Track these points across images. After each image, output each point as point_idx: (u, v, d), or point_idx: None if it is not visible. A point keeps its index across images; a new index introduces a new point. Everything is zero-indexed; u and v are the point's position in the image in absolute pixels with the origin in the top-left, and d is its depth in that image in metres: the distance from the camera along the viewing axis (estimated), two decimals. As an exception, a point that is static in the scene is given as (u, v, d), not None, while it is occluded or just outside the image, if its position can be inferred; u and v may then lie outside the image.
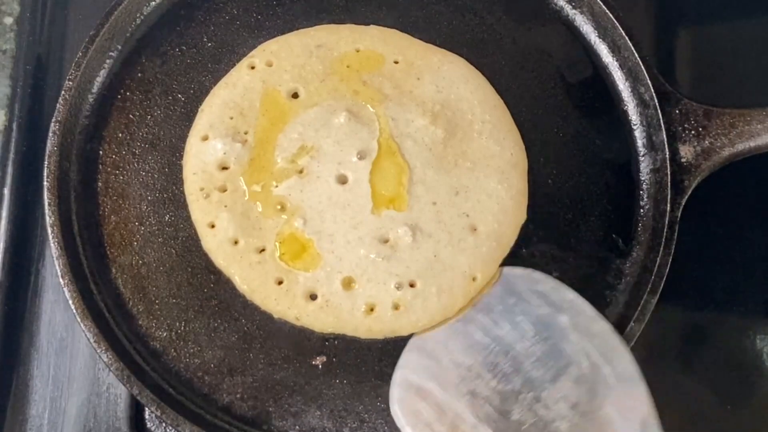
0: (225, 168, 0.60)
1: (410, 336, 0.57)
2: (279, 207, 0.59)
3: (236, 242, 0.59)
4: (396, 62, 0.63)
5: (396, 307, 0.58)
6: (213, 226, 0.59)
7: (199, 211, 0.60)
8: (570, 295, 0.56)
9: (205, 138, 0.61)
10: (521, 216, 0.60)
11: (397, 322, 0.58)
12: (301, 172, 0.60)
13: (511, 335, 0.55)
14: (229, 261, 0.59)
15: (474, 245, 0.59)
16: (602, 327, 0.55)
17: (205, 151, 0.61)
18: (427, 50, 0.64)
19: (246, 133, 0.61)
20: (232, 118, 0.61)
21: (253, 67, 0.63)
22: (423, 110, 0.61)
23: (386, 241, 0.59)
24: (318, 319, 0.58)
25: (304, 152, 0.60)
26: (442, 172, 0.60)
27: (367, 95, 0.62)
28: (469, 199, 0.60)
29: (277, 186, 0.60)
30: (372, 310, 0.58)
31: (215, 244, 0.59)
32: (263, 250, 0.59)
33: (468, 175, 0.60)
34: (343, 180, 0.60)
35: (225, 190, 0.60)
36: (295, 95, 0.62)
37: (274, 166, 0.60)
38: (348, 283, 0.58)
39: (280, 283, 0.58)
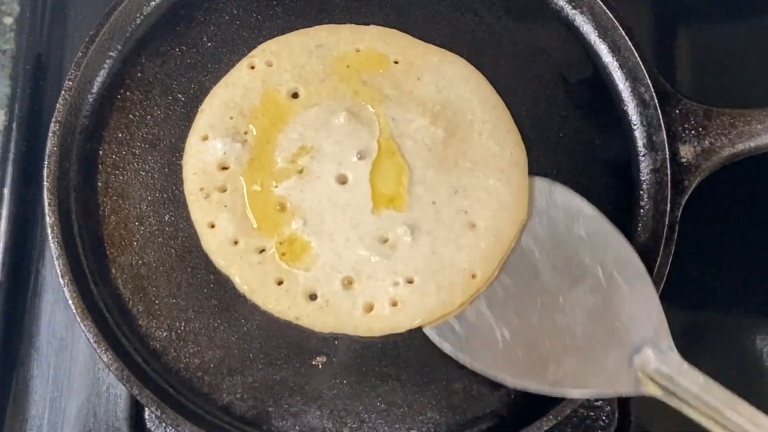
0: (225, 168, 0.60)
1: (410, 332, 0.58)
2: (279, 207, 0.59)
3: (236, 242, 0.59)
4: (396, 62, 0.63)
5: (394, 303, 0.58)
6: (213, 227, 0.59)
7: (199, 211, 0.60)
8: (586, 208, 0.58)
9: (205, 138, 0.61)
10: (522, 214, 0.60)
11: (395, 318, 0.58)
12: (301, 172, 0.60)
13: (528, 241, 0.58)
14: (229, 261, 0.59)
15: (473, 241, 0.59)
16: (617, 239, 0.57)
17: (205, 151, 0.61)
18: (427, 50, 0.64)
19: (246, 133, 0.61)
20: (232, 118, 0.61)
21: (253, 67, 0.63)
22: (423, 110, 0.61)
23: (385, 240, 0.59)
24: (318, 319, 0.58)
25: (304, 152, 0.60)
26: (442, 172, 0.60)
27: (367, 95, 0.62)
28: (468, 197, 0.60)
29: (277, 186, 0.60)
30: (371, 308, 0.58)
31: (215, 245, 0.59)
32: (263, 250, 0.59)
33: (468, 175, 0.60)
34: (343, 180, 0.60)
35: (225, 190, 0.60)
36: (295, 95, 0.62)
37: (274, 166, 0.60)
38: (348, 283, 0.58)
39: (281, 283, 0.58)
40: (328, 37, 0.64)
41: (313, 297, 0.58)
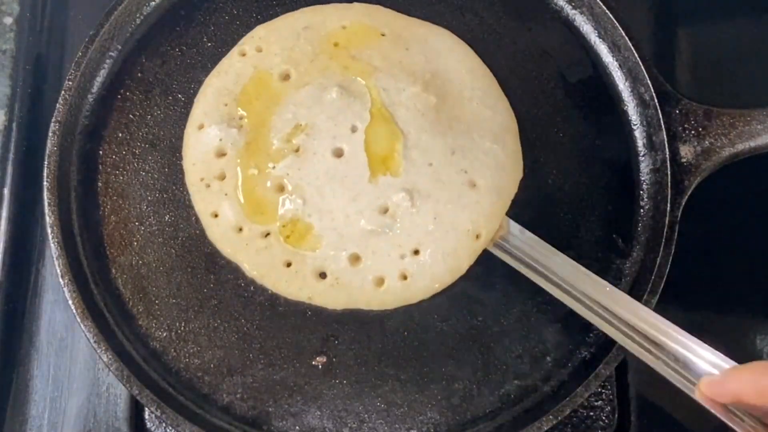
0: (222, 155, 0.60)
1: (421, 303, 0.58)
2: (277, 188, 0.59)
3: (240, 229, 0.59)
4: (383, 35, 0.63)
5: (404, 277, 0.58)
6: (216, 216, 0.59)
7: (201, 202, 0.60)
8: None
9: (201, 127, 0.61)
10: (518, 172, 0.61)
11: (407, 291, 0.58)
12: (297, 150, 0.59)
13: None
14: (235, 249, 0.59)
15: (475, 200, 0.59)
16: None
17: (201, 140, 0.61)
18: (411, 23, 0.64)
19: (241, 118, 0.61)
20: (226, 105, 0.61)
21: (243, 54, 0.63)
22: (414, 79, 0.61)
23: (386, 210, 0.58)
24: (330, 297, 0.58)
25: (299, 130, 0.60)
26: (436, 135, 0.60)
27: (357, 69, 0.62)
28: (466, 157, 0.59)
29: (274, 167, 0.59)
30: (381, 283, 0.58)
31: (220, 234, 0.59)
32: (268, 234, 0.59)
33: (463, 136, 0.60)
34: (339, 153, 0.59)
35: (224, 178, 0.60)
36: (287, 77, 0.62)
37: (270, 147, 0.60)
38: (354, 259, 0.58)
39: (289, 265, 0.58)
40: (314, 18, 0.64)
41: (322, 275, 0.58)
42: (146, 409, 0.62)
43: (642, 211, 0.62)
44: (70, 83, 0.60)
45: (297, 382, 0.57)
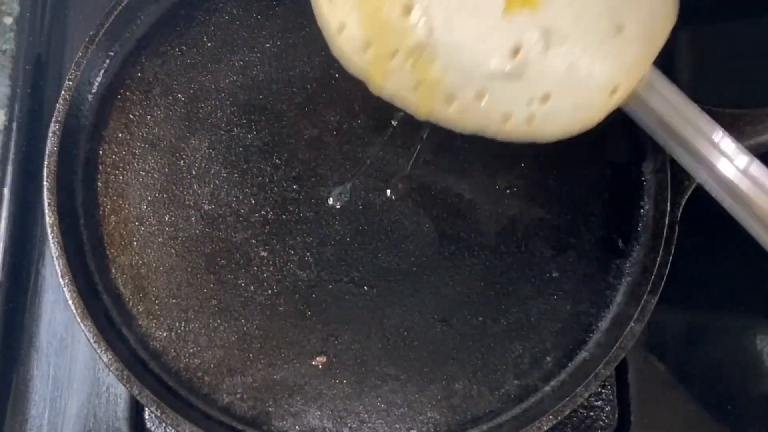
0: None
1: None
2: (405, 9, 0.53)
3: (367, 47, 0.54)
4: None
5: (530, 120, 0.54)
6: (341, 30, 0.54)
7: (326, 14, 0.55)
8: None
9: None
10: (672, 17, 0.55)
11: (532, 134, 0.54)
12: None
13: None
14: (362, 66, 0.55)
15: (618, 48, 0.52)
16: None
17: None
18: None
19: None
20: None
21: None
22: None
23: (517, 51, 0.52)
24: (457, 124, 0.55)
25: None
26: None
27: None
28: None
29: None
30: (508, 118, 0.54)
31: (348, 50, 0.54)
32: (396, 53, 0.54)
33: None
34: None
35: None
36: None
37: None
38: (480, 95, 0.54)
39: (417, 87, 0.54)
40: None
41: (449, 102, 0.54)
42: (146, 409, 0.62)
43: (642, 211, 0.62)
44: (70, 83, 0.60)
45: (297, 382, 0.57)
